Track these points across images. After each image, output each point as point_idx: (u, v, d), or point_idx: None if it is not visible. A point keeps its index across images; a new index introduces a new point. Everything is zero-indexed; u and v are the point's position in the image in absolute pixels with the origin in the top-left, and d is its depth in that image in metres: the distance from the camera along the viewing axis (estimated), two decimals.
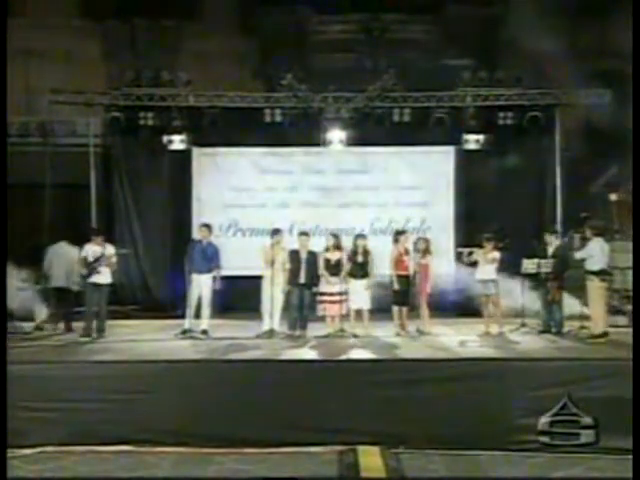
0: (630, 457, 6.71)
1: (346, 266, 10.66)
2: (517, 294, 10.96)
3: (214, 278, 10.76)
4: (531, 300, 11.06)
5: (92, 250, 10.54)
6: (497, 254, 10.71)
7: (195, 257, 10.69)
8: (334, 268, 10.61)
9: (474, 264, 10.84)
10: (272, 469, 7.20)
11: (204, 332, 10.65)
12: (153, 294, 13.84)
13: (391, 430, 7.79)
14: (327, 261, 10.67)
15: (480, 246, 10.84)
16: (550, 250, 10.75)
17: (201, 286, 10.68)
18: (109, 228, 13.27)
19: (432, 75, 13.90)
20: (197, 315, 10.75)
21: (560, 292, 10.65)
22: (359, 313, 10.73)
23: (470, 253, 10.87)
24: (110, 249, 10.66)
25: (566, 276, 10.66)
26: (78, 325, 10.91)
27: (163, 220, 13.93)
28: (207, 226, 11.20)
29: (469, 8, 14.00)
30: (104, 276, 10.51)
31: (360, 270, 10.68)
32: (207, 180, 14.17)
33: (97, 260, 10.44)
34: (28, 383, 8.00)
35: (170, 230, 13.68)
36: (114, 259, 10.64)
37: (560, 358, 8.70)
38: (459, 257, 11.57)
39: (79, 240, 10.82)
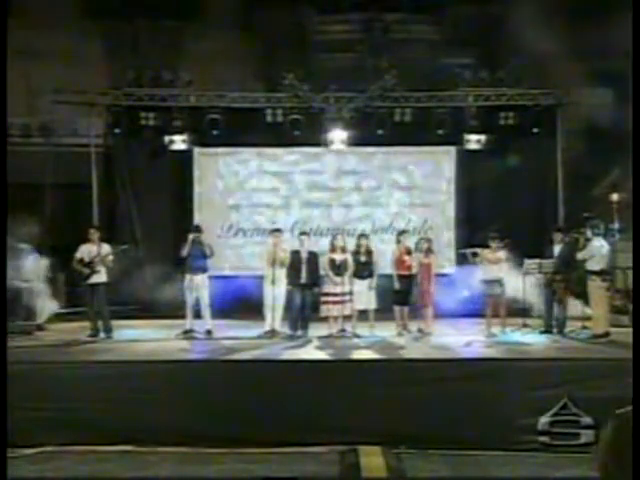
0: None
1: (351, 266, 10.63)
2: (519, 294, 10.94)
3: (210, 278, 10.76)
4: (532, 300, 11.04)
5: (87, 250, 10.53)
6: (502, 254, 10.67)
7: (189, 258, 10.69)
8: (339, 268, 10.56)
9: (481, 264, 10.79)
10: (272, 469, 7.20)
11: (209, 332, 10.66)
12: (154, 294, 13.80)
13: (392, 430, 7.80)
14: (332, 261, 10.62)
15: (484, 246, 10.80)
16: (556, 249, 10.73)
17: (198, 287, 10.68)
18: (110, 228, 13.27)
19: (433, 75, 13.90)
20: (198, 315, 10.76)
21: (566, 292, 10.63)
22: (363, 313, 10.71)
23: (474, 254, 10.80)
24: (106, 248, 10.62)
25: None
26: (82, 325, 10.92)
27: (164, 220, 13.92)
28: (198, 227, 11.22)
29: (470, 8, 13.96)
30: (100, 275, 10.49)
31: (364, 270, 10.66)
32: (208, 180, 14.15)
33: (93, 260, 10.42)
34: (28, 383, 8.02)
35: (171, 230, 13.65)
36: (110, 257, 10.58)
37: (561, 358, 8.71)
38: (463, 258, 11.52)
39: (79, 240, 10.79)
